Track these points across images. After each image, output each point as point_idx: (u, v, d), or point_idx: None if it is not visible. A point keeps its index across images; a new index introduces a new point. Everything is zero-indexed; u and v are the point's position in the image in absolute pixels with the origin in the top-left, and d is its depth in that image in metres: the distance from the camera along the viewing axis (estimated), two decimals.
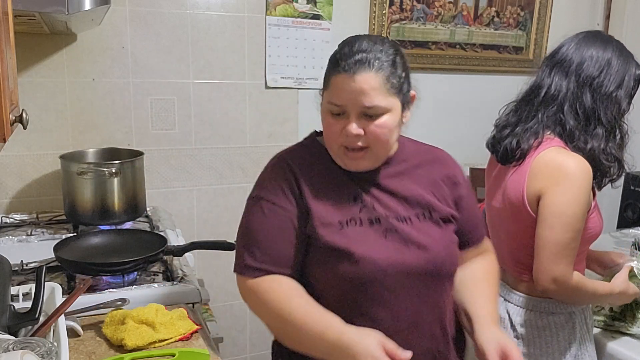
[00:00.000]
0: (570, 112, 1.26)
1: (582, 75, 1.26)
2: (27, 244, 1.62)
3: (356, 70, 0.98)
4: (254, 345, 2.39)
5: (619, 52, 1.28)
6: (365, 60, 0.98)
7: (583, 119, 1.25)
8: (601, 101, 1.24)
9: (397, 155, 1.11)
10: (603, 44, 1.28)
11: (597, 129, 1.25)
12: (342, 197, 1.06)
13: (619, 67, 1.26)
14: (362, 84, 0.97)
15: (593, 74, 1.25)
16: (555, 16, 2.65)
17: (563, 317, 1.32)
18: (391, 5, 2.32)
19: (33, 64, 1.85)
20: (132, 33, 1.96)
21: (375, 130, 1.00)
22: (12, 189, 1.90)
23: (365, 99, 0.98)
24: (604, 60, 1.26)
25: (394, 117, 1.01)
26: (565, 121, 1.26)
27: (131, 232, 1.63)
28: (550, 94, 1.28)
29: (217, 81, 2.12)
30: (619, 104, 1.26)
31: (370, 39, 1.03)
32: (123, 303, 1.23)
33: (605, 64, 1.25)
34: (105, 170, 1.69)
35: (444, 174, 1.14)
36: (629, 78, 1.27)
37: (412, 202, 1.08)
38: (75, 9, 1.29)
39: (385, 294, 1.02)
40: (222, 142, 2.17)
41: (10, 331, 0.97)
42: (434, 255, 1.05)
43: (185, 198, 2.15)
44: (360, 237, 1.03)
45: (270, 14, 2.14)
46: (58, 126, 1.92)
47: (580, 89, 1.25)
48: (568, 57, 1.28)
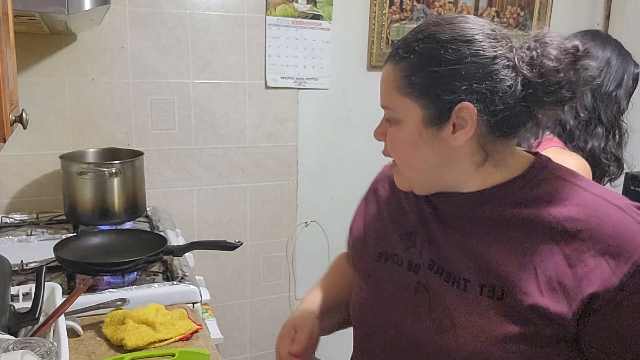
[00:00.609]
0: (571, 111, 1.25)
1: None
2: (27, 244, 1.62)
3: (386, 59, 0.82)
4: (254, 345, 2.39)
5: (618, 51, 1.28)
6: (395, 48, 0.79)
7: (583, 118, 1.25)
8: (601, 100, 1.25)
9: (508, 191, 0.78)
10: (602, 43, 1.28)
11: (597, 129, 1.25)
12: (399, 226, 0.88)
13: (618, 66, 1.26)
14: (381, 78, 0.82)
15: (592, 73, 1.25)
16: (555, 16, 2.65)
17: None
18: (391, 5, 2.32)
19: (33, 64, 1.85)
20: (132, 33, 1.96)
21: (387, 141, 0.82)
22: (12, 189, 1.90)
23: (381, 96, 0.82)
24: (603, 59, 1.26)
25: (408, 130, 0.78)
26: (565, 121, 1.25)
27: (131, 232, 1.63)
28: None
29: (217, 81, 2.12)
30: (619, 103, 1.26)
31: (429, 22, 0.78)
32: (123, 303, 1.23)
33: (605, 64, 1.25)
34: (105, 170, 1.69)
35: (586, 249, 0.70)
36: (627, 77, 1.27)
37: (482, 265, 0.75)
38: (75, 9, 1.28)
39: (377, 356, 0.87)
40: (222, 142, 2.17)
41: (10, 331, 0.96)
42: (456, 350, 0.73)
43: (185, 198, 2.15)
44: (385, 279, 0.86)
45: (270, 14, 2.14)
46: (58, 126, 1.92)
47: None
48: None
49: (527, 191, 0.77)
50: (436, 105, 0.74)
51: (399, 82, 0.77)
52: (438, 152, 0.77)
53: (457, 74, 0.72)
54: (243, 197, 2.24)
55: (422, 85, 0.74)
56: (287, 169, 2.29)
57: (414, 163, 0.80)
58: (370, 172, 2.75)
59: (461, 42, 0.73)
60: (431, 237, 0.82)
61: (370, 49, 2.33)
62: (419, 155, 0.78)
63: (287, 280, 2.40)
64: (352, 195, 2.44)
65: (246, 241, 2.26)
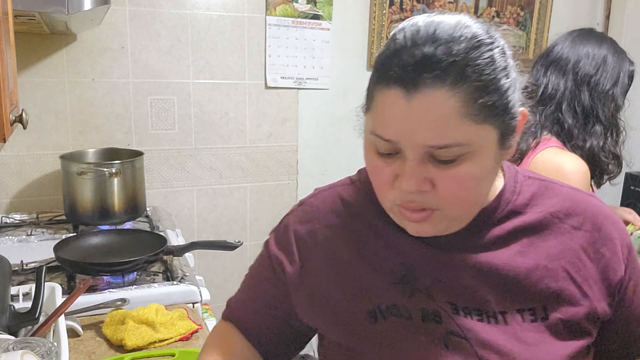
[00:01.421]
0: (569, 110, 1.26)
1: (580, 74, 1.26)
2: (27, 244, 1.62)
3: (417, 82, 0.57)
4: None
5: (614, 49, 1.29)
6: (432, 62, 0.57)
7: (581, 117, 1.25)
8: (599, 99, 1.25)
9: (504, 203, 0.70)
10: (598, 41, 1.28)
11: (595, 127, 1.25)
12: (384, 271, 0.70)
13: (614, 64, 1.27)
14: (426, 110, 0.58)
15: (590, 72, 1.26)
16: (555, 16, 2.65)
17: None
18: (391, 5, 2.32)
19: (33, 64, 1.85)
20: (132, 33, 1.96)
21: (450, 186, 0.61)
22: (12, 189, 1.90)
23: (432, 134, 0.59)
24: (600, 57, 1.26)
25: (485, 159, 0.61)
26: (564, 120, 1.25)
27: (131, 232, 1.63)
28: (548, 94, 1.28)
29: (217, 81, 2.12)
30: (616, 101, 1.27)
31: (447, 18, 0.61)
32: (123, 303, 1.23)
33: (602, 62, 1.26)
34: (105, 170, 1.69)
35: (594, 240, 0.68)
36: (623, 75, 1.28)
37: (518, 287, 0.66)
38: (75, 9, 1.28)
39: None
40: (222, 142, 2.17)
41: (10, 331, 0.96)
42: None
43: (185, 198, 2.15)
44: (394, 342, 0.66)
45: (270, 14, 2.14)
46: (58, 126, 1.92)
47: (578, 87, 1.25)
48: (564, 55, 1.28)
49: (517, 197, 0.70)
50: (509, 119, 0.62)
51: (469, 109, 0.57)
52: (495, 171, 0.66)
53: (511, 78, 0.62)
54: (243, 197, 2.24)
55: (496, 102, 0.59)
56: (287, 169, 2.29)
57: (478, 197, 0.65)
58: None
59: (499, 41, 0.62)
60: (437, 274, 0.68)
61: (370, 49, 2.33)
62: (487, 184, 0.65)
63: None
64: None
65: (246, 241, 2.26)
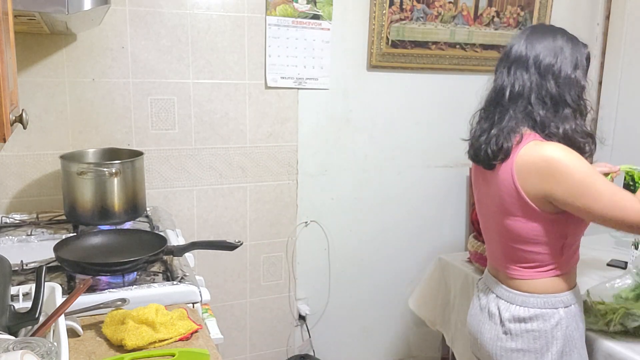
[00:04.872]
0: (538, 102, 1.32)
1: (542, 66, 1.32)
2: (27, 244, 1.62)
3: None
4: (254, 345, 2.39)
5: (567, 37, 1.36)
6: None
7: (551, 105, 1.32)
8: (564, 85, 1.31)
9: None
10: (551, 33, 1.36)
11: (565, 111, 1.31)
12: None
13: (571, 50, 1.34)
14: None
15: (551, 61, 1.32)
16: (555, 16, 2.65)
17: (550, 313, 1.35)
18: (391, 5, 2.32)
19: (33, 64, 1.85)
20: (132, 33, 1.96)
21: None
22: (12, 189, 1.90)
23: None
24: (556, 47, 1.33)
25: None
26: (535, 112, 1.32)
27: (131, 232, 1.63)
28: (516, 92, 1.34)
29: (217, 81, 2.12)
30: (579, 83, 1.33)
31: None
32: (123, 303, 1.23)
33: (559, 50, 1.33)
34: (105, 170, 1.69)
35: None
36: (581, 57, 1.35)
37: None
38: (75, 9, 1.28)
39: None
40: (222, 142, 2.17)
41: (10, 331, 0.97)
42: None
43: (185, 198, 2.15)
44: None
45: (270, 14, 2.14)
46: (58, 126, 1.92)
47: (543, 78, 1.32)
48: (523, 53, 1.35)
49: None
50: None
51: None
52: None
53: None
54: (243, 197, 2.24)
55: None
56: (287, 169, 2.29)
57: None
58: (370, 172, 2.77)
59: None
60: None
61: (370, 49, 2.33)
62: None
63: (287, 280, 2.40)
64: (352, 195, 2.46)
65: (246, 241, 2.26)
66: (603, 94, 2.82)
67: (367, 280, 2.57)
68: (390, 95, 2.42)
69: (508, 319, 1.37)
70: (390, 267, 2.59)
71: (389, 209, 2.53)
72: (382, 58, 2.35)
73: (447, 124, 2.52)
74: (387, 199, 2.52)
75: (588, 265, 1.95)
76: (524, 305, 1.36)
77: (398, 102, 2.44)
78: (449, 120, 2.52)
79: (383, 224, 2.54)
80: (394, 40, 2.36)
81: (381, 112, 2.42)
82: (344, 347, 2.57)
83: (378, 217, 2.52)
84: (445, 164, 2.57)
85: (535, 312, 1.35)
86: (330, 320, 2.52)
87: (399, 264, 2.61)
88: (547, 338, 1.34)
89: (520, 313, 1.36)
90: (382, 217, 2.53)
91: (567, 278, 1.37)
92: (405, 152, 2.51)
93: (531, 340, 1.35)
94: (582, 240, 1.40)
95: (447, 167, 2.56)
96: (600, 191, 1.23)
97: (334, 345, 2.55)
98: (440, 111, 2.50)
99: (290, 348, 2.46)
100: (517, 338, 1.36)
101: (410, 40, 2.39)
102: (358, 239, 2.51)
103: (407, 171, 2.54)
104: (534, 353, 1.36)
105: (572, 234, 1.34)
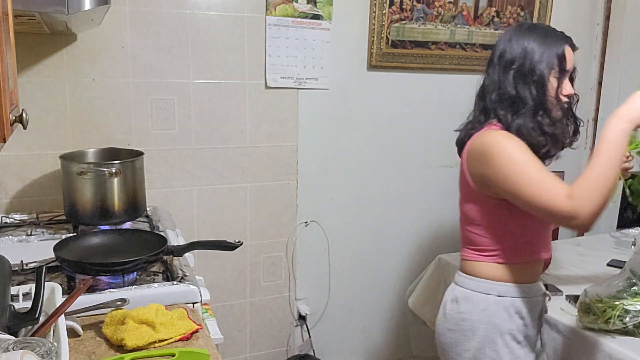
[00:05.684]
0: (497, 99, 1.36)
1: (503, 63, 1.36)
2: (27, 244, 1.62)
3: None
4: (254, 345, 2.39)
5: (544, 35, 1.35)
6: None
7: (508, 102, 1.34)
8: (524, 83, 1.32)
9: None
10: (528, 31, 1.36)
11: (522, 109, 1.33)
12: None
13: (540, 47, 1.33)
14: None
15: (512, 59, 1.34)
16: (555, 16, 2.65)
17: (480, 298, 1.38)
18: (391, 5, 2.32)
19: (33, 64, 1.85)
20: (132, 33, 1.96)
21: None
22: (12, 189, 1.90)
23: None
24: (522, 45, 1.34)
25: None
26: (495, 108, 1.36)
27: (131, 232, 1.63)
28: (484, 87, 1.41)
29: (217, 81, 2.12)
30: (544, 83, 1.32)
31: None
32: (123, 303, 1.23)
33: (524, 47, 1.34)
34: (105, 170, 1.69)
35: None
36: (549, 55, 1.32)
37: None
38: (75, 9, 1.28)
39: None
40: (222, 142, 2.17)
41: (10, 331, 0.96)
42: None
43: (185, 198, 2.15)
44: None
45: (270, 14, 2.14)
46: (58, 126, 1.92)
47: (503, 75, 1.35)
48: (495, 51, 1.40)
49: None
50: None
51: None
52: None
53: None
54: (243, 197, 2.24)
55: None
56: (287, 169, 2.29)
57: None
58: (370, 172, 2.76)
59: None
60: None
61: (370, 49, 2.33)
62: None
63: (287, 280, 2.40)
64: (352, 195, 2.46)
65: (246, 241, 2.26)
66: (603, 94, 2.82)
67: (367, 280, 2.57)
68: (390, 95, 2.42)
69: (449, 300, 1.43)
70: (390, 267, 2.60)
71: (389, 209, 2.53)
72: (382, 58, 2.35)
73: (447, 123, 2.51)
74: (387, 199, 2.52)
75: (588, 265, 1.95)
76: (461, 286, 1.42)
77: (398, 102, 2.44)
78: (448, 120, 2.51)
79: (383, 223, 2.54)
80: (394, 40, 2.36)
81: (381, 112, 2.42)
82: (344, 347, 2.57)
83: (378, 217, 2.52)
84: (445, 164, 2.57)
85: (467, 293, 1.39)
86: (330, 320, 2.52)
87: (398, 264, 2.61)
88: (472, 322, 1.38)
89: (457, 294, 1.42)
90: (382, 217, 2.53)
91: (511, 269, 1.37)
92: (405, 152, 2.51)
93: (460, 321, 1.40)
94: (583, 240, 1.41)
95: (447, 167, 2.56)
96: (529, 177, 1.23)
97: (334, 345, 2.55)
98: (440, 111, 2.50)
99: (290, 348, 2.46)
100: (450, 318, 1.42)
101: (410, 40, 2.39)
102: (358, 239, 2.51)
103: (407, 171, 2.54)
104: (461, 335, 1.40)
105: (515, 224, 1.35)
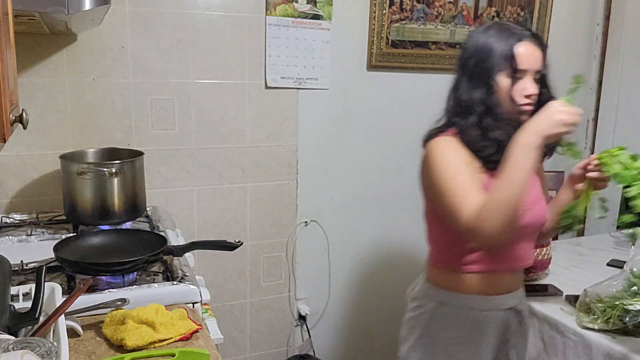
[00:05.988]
0: (453, 103, 1.34)
1: (459, 66, 1.34)
2: (27, 244, 1.62)
3: None
4: (254, 345, 2.39)
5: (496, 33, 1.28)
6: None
7: (461, 107, 1.31)
8: (474, 86, 1.28)
9: None
10: (483, 31, 1.31)
11: (471, 113, 1.29)
12: None
13: (486, 48, 1.27)
14: None
15: (464, 62, 1.31)
16: (555, 16, 2.65)
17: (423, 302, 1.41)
18: (391, 5, 2.32)
19: (33, 64, 1.85)
20: (132, 33, 1.96)
21: None
22: (12, 189, 1.90)
23: None
24: (473, 46, 1.30)
25: None
26: (452, 113, 1.35)
27: (131, 232, 1.63)
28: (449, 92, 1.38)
29: (217, 81, 2.12)
30: (491, 84, 1.27)
31: None
32: (123, 303, 1.23)
33: (474, 50, 1.30)
34: (105, 170, 1.69)
35: None
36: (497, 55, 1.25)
37: None
38: (75, 9, 1.28)
39: None
40: (222, 142, 2.17)
41: (10, 331, 0.97)
42: None
43: (185, 198, 2.15)
44: None
45: (270, 14, 2.14)
46: (58, 126, 1.92)
47: (458, 79, 1.33)
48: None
49: None
50: None
51: None
52: None
53: None
54: (243, 197, 2.24)
55: None
56: (287, 169, 2.29)
57: None
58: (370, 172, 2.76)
59: None
60: None
61: (370, 49, 2.33)
62: None
63: (287, 280, 2.40)
64: (352, 195, 2.46)
65: (246, 241, 2.26)
66: (603, 94, 2.82)
67: (367, 280, 2.57)
68: (390, 95, 2.42)
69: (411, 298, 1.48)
70: (390, 266, 2.59)
71: (389, 209, 2.53)
72: (382, 58, 2.35)
73: None
74: (387, 198, 2.51)
75: (588, 265, 1.95)
76: (415, 286, 1.47)
77: (398, 102, 2.44)
78: None
79: (383, 223, 2.54)
80: (394, 40, 2.36)
81: (381, 112, 2.42)
82: (344, 347, 2.57)
83: (378, 217, 2.52)
84: None
85: (416, 294, 1.44)
86: (330, 320, 2.52)
87: (399, 264, 2.61)
88: (414, 322, 1.42)
89: (414, 293, 1.46)
90: (382, 217, 2.53)
91: (453, 278, 1.35)
92: (405, 152, 2.50)
93: (408, 318, 1.45)
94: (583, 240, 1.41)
95: None
96: (446, 187, 1.23)
97: (334, 345, 2.55)
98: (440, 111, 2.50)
99: (290, 348, 2.46)
100: (406, 312, 1.47)
101: (410, 40, 2.39)
102: (358, 239, 2.51)
103: (407, 171, 2.52)
104: (407, 331, 1.44)
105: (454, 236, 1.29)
